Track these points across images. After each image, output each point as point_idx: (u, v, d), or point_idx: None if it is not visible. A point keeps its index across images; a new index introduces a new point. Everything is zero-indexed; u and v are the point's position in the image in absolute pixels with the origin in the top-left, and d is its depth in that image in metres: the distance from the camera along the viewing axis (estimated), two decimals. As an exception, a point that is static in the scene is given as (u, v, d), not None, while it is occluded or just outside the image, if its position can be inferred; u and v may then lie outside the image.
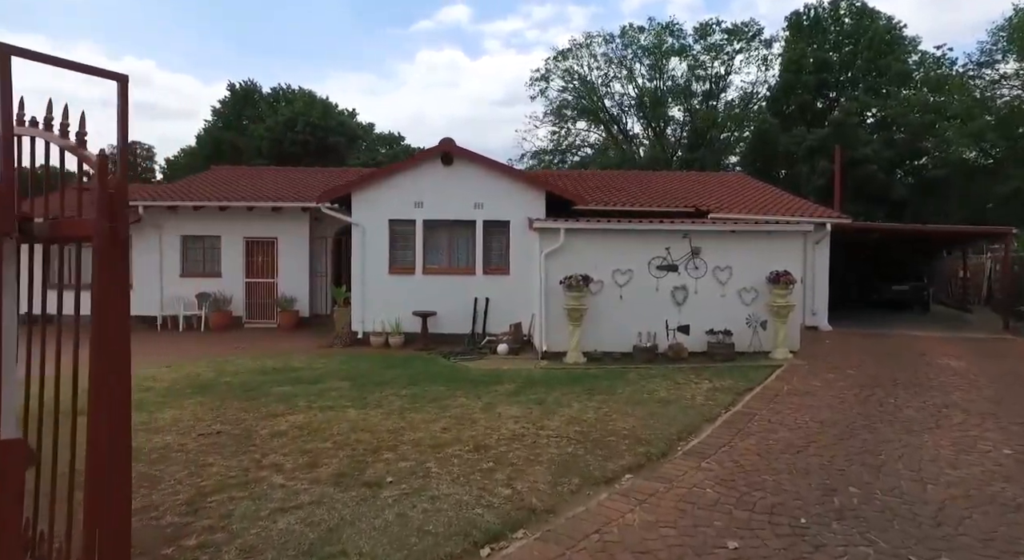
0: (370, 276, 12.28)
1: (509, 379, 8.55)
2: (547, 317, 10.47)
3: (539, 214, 11.88)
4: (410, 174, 12.35)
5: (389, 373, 8.90)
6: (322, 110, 37.95)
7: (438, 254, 12.51)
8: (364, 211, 12.28)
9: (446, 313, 12.13)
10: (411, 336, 11.97)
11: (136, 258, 15.06)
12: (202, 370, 8.97)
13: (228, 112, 40.57)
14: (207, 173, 18.32)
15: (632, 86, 38.01)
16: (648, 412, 6.53)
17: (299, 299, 14.90)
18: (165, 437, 5.63)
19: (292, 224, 14.98)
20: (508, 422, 6.19)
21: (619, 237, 10.54)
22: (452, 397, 7.36)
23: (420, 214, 12.29)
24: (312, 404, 6.92)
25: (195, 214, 14.85)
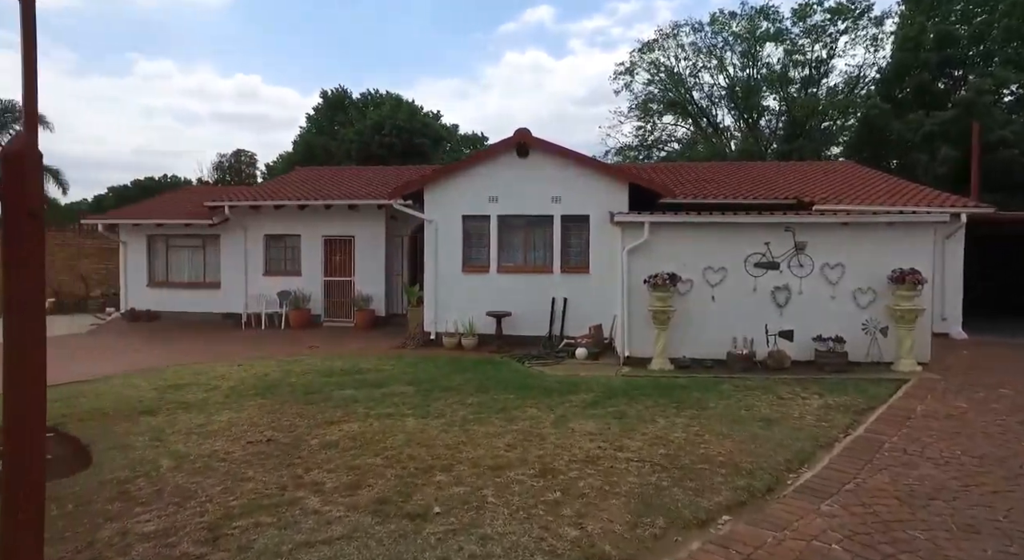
0: (443, 275, 11.84)
1: (586, 388, 7.75)
2: (630, 319, 9.56)
3: (622, 208, 10.97)
4: (484, 167, 11.80)
5: (457, 378, 8.34)
6: (408, 113, 38.52)
7: (513, 252, 11.87)
8: (437, 207, 11.86)
9: (522, 314, 11.47)
10: (485, 338, 11.41)
11: (223, 258, 15.54)
12: (271, 370, 8.81)
13: (321, 118, 42.16)
14: (290, 174, 18.72)
15: (723, 76, 35.80)
16: (748, 433, 5.53)
17: (375, 298, 14.76)
18: (215, 443, 5.31)
19: (368, 222, 14.88)
20: (582, 440, 5.41)
21: (711, 231, 9.45)
22: (521, 408, 6.67)
23: (495, 209, 11.71)
24: (371, 411, 6.45)
25: (276, 214, 15.07)
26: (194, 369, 8.89)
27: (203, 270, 15.89)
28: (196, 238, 15.83)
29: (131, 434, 5.62)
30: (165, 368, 9.12)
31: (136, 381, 8.00)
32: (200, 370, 8.78)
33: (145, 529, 3.58)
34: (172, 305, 15.81)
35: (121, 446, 5.25)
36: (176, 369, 8.94)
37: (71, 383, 8.17)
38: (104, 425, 5.94)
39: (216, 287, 15.62)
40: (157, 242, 16.09)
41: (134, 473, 4.57)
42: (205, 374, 8.43)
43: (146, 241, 16.02)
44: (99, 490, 4.24)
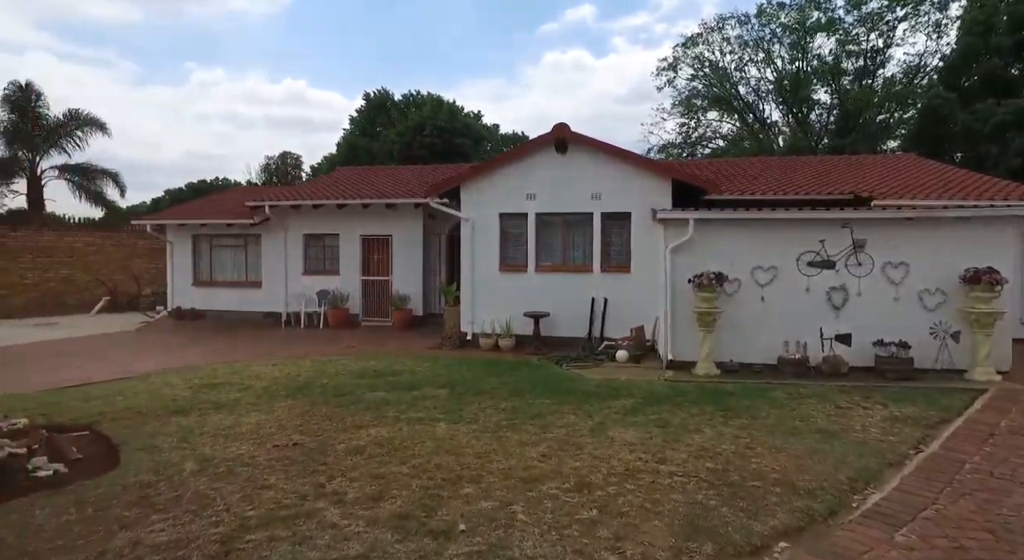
0: (480, 274, 11.60)
1: (627, 393, 7.35)
2: (673, 321, 9.10)
3: (664, 205, 10.50)
4: (521, 164, 11.49)
5: (492, 381, 8.07)
6: (449, 113, 38.59)
7: (552, 250, 11.54)
8: (473, 205, 11.62)
9: (560, 315, 11.13)
10: (522, 339, 11.11)
11: (264, 257, 15.71)
12: (304, 370, 8.72)
13: (364, 120, 42.67)
14: (330, 174, 18.82)
15: (770, 70, 34.54)
16: (804, 447, 5.06)
17: (412, 297, 14.65)
18: (240, 447, 5.17)
19: (406, 221, 14.78)
20: (622, 451, 5.04)
21: (760, 228, 8.91)
22: (558, 413, 6.34)
23: (532, 207, 11.39)
24: (401, 415, 6.23)
25: (315, 213, 15.13)
26: (230, 368, 8.89)
27: (245, 269, 16.11)
28: (238, 238, 16.07)
29: (160, 434, 5.54)
30: (203, 367, 9.15)
31: (173, 380, 8.02)
32: (236, 369, 8.76)
33: (158, 540, 3.41)
34: (216, 304, 16.08)
35: (149, 447, 5.16)
36: (213, 368, 8.95)
37: (114, 380, 8.27)
38: (136, 425, 5.89)
39: (257, 286, 15.80)
40: (201, 242, 16.40)
41: (157, 476, 4.45)
42: (240, 373, 8.40)
43: (191, 241, 16.35)
44: (120, 494, 4.12)
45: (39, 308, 18.55)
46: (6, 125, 24.63)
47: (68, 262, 19.29)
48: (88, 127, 26.16)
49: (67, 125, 25.74)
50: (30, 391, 7.73)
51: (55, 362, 9.97)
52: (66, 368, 9.41)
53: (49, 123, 25.53)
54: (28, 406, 6.72)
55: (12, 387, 8.00)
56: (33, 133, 24.99)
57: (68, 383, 8.17)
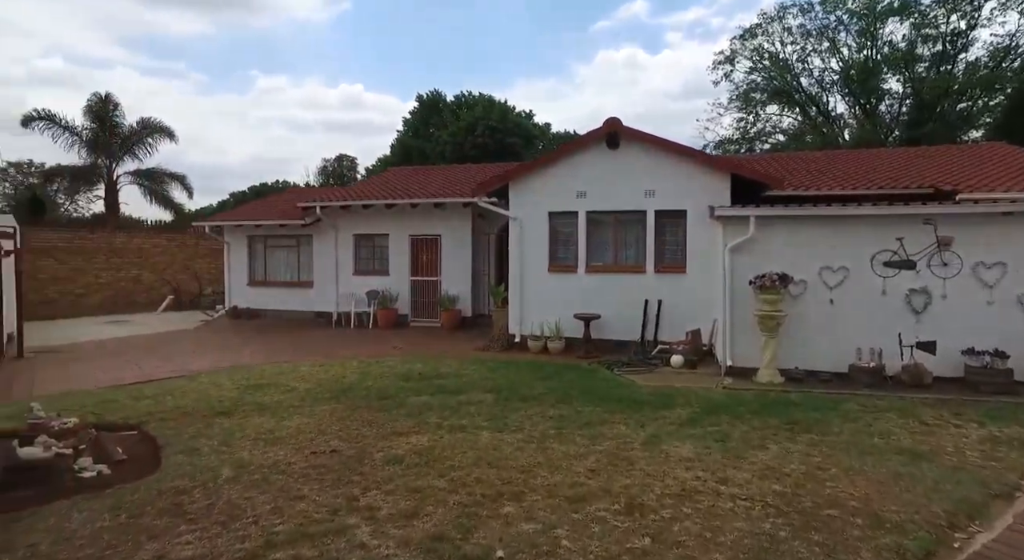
0: (528, 275, 11.31)
1: (683, 401, 6.90)
2: (732, 325, 8.56)
3: (723, 201, 9.91)
4: (571, 161, 11.12)
5: (540, 386, 7.75)
6: (500, 113, 38.49)
7: (603, 250, 11.12)
8: (522, 204, 11.33)
9: (612, 317, 10.69)
10: (572, 341, 10.75)
11: (316, 257, 15.91)
12: (350, 371, 8.64)
13: (417, 121, 43.12)
14: (380, 175, 18.92)
15: (835, 59, 32.75)
16: (888, 470, 4.52)
17: (461, 298, 14.50)
18: (278, 452, 5.05)
19: (455, 221, 14.64)
20: (677, 467, 4.64)
21: (829, 226, 8.24)
22: (609, 423, 5.96)
23: (583, 205, 11.01)
24: (443, 421, 6.00)
25: (365, 213, 15.19)
26: (277, 369, 8.91)
27: (297, 270, 16.37)
28: (291, 238, 16.34)
29: (202, 436, 5.49)
30: (252, 367, 9.22)
31: (222, 380, 8.08)
32: (283, 370, 8.78)
33: (182, 554, 3.27)
34: (270, 303, 16.41)
35: (190, 450, 5.11)
36: (261, 368, 9.00)
37: (168, 379, 8.41)
38: (181, 426, 5.88)
39: (309, 286, 16.02)
40: (256, 243, 16.78)
41: (193, 482, 4.35)
42: (286, 374, 8.39)
43: (246, 242, 16.74)
44: (155, 500, 4.04)
45: (112, 306, 19.46)
46: (88, 134, 26.10)
47: (137, 262, 20.16)
48: (157, 134, 27.40)
49: (140, 133, 27.06)
50: (93, 388, 7.95)
51: (119, 360, 10.28)
52: (128, 366, 9.67)
53: (124, 131, 26.90)
54: (86, 403, 6.86)
55: (79, 384, 8.25)
56: (111, 141, 26.38)
57: (127, 381, 8.36)
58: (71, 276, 18.85)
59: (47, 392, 7.69)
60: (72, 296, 18.85)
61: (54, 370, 9.48)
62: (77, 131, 25.91)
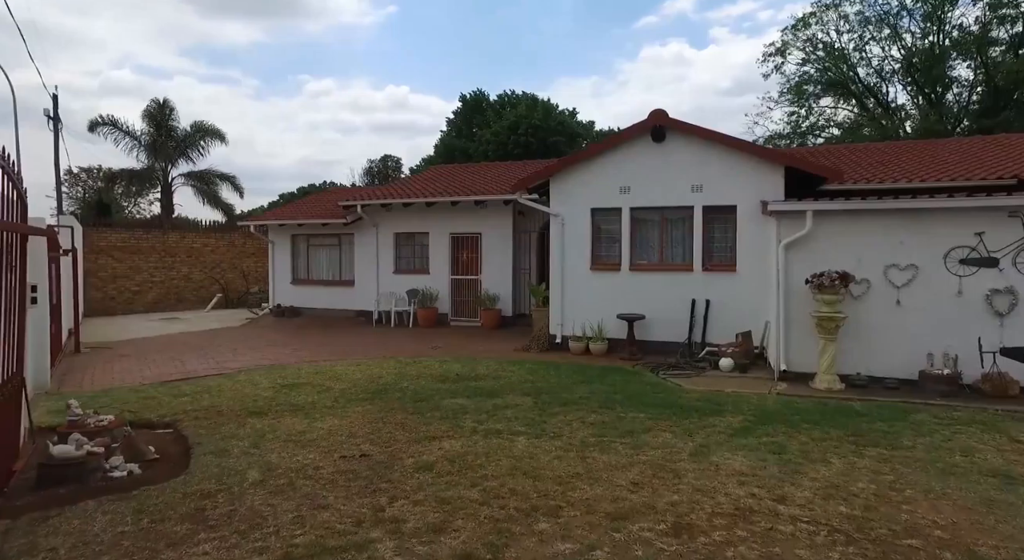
0: (570, 273, 10.96)
1: (734, 408, 6.45)
2: (787, 327, 8.02)
3: (776, 196, 9.35)
4: (615, 155, 10.71)
5: (581, 389, 7.42)
6: (543, 112, 38.20)
7: (648, 247, 10.67)
8: (563, 200, 11.00)
9: (657, 317, 10.25)
10: (615, 343, 10.35)
11: (357, 256, 15.95)
12: (387, 371, 8.50)
13: (460, 121, 43.24)
14: (422, 173, 18.86)
15: (897, 47, 31.01)
16: (977, 495, 4.01)
17: (502, 297, 14.26)
18: (308, 455, 4.89)
19: (495, 219, 14.41)
20: (729, 482, 4.25)
21: (895, 220, 7.61)
22: (653, 431, 5.59)
23: (627, 201, 10.59)
24: (479, 426, 5.74)
25: (406, 212, 15.13)
26: (314, 368, 8.85)
27: (339, 268, 16.47)
28: (333, 237, 16.44)
29: (234, 437, 5.40)
30: (290, 365, 9.19)
31: (259, 378, 8.05)
32: (319, 369, 8.71)
33: (197, 565, 3.11)
34: (312, 302, 16.56)
35: (219, 451, 5.00)
36: (298, 367, 8.96)
37: (208, 376, 8.45)
38: (215, 425, 5.81)
39: (350, 285, 16.08)
40: (299, 241, 16.96)
41: (218, 485, 4.22)
42: (322, 374, 8.31)
43: (290, 241, 16.95)
44: (179, 504, 3.91)
45: (164, 303, 20.07)
46: (147, 138, 27.11)
47: (188, 261, 20.74)
48: (209, 136, 28.26)
49: (193, 136, 27.95)
50: (138, 384, 8.04)
51: (165, 356, 10.46)
52: (172, 362, 9.81)
53: (179, 134, 27.84)
54: (129, 400, 6.91)
55: (125, 380, 8.38)
56: (166, 144, 27.33)
57: (170, 378, 8.44)
58: (128, 274, 19.52)
59: (95, 388, 7.81)
60: (128, 293, 19.52)
61: (105, 365, 9.70)
62: (136, 135, 26.97)
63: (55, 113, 19.26)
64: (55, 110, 19.29)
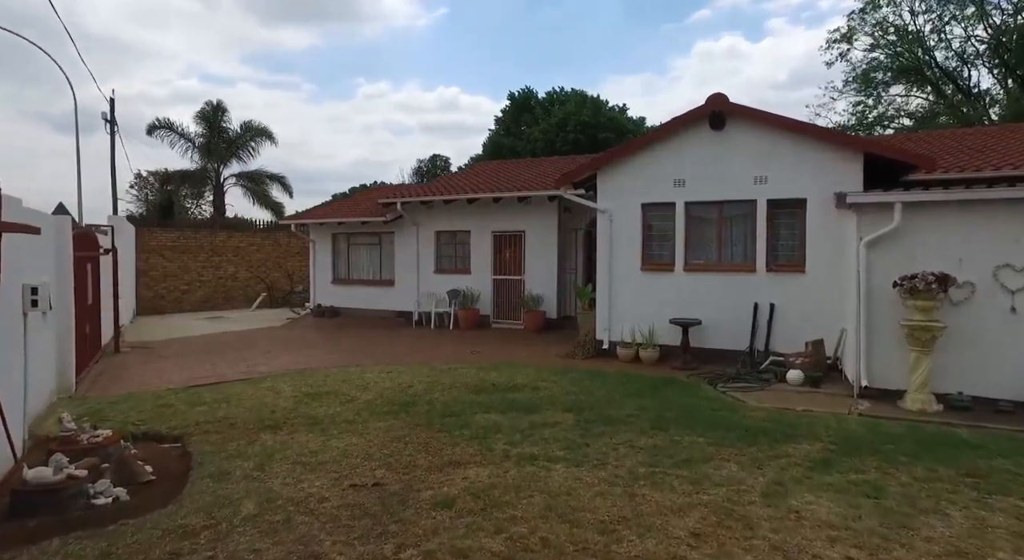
0: (619, 274, 10.12)
1: (809, 432, 5.53)
2: (868, 336, 6.99)
3: (853, 187, 8.27)
4: (668, 145, 9.80)
5: (630, 404, 6.62)
6: (593, 108, 37.37)
7: (705, 246, 9.72)
8: (612, 195, 10.16)
9: (714, 322, 9.30)
10: (668, 350, 9.47)
11: (397, 255, 15.51)
12: (418, 379, 7.89)
13: (508, 119, 42.75)
14: (465, 170, 18.30)
15: (983, 26, 28.54)
16: None
17: (546, 298, 13.52)
18: (315, 481, 4.29)
19: (540, 216, 13.68)
20: (816, 539, 3.39)
21: (1006, 212, 6.48)
22: (715, 460, 4.76)
23: (681, 195, 9.67)
24: (511, 449, 5.04)
25: (447, 209, 14.57)
26: (344, 374, 8.34)
27: (379, 268, 16.07)
28: (373, 236, 16.06)
29: (240, 456, 4.87)
30: (319, 370, 8.72)
31: (283, 385, 7.58)
32: (348, 376, 8.18)
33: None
34: (352, 302, 16.23)
35: (220, 474, 4.48)
36: (327, 372, 8.47)
37: (235, 381, 8.07)
38: (224, 440, 5.32)
39: (390, 285, 15.66)
40: (340, 241, 16.66)
41: (206, 520, 3.67)
42: (350, 381, 7.77)
43: (330, 240, 16.67)
44: (154, 545, 3.37)
45: (212, 302, 20.25)
46: (200, 140, 27.69)
47: (234, 261, 20.87)
48: (259, 136, 28.63)
49: (243, 136, 28.36)
50: (163, 388, 7.73)
51: (199, 358, 10.22)
52: (205, 364, 9.53)
53: (230, 135, 28.31)
54: (145, 407, 6.55)
55: (153, 383, 8.09)
56: (219, 145, 27.84)
57: (197, 381, 8.11)
58: (177, 273, 19.77)
59: (120, 392, 7.53)
60: (178, 292, 19.77)
61: (139, 366, 9.50)
62: (191, 137, 27.55)
63: (111, 116, 19.67)
64: (111, 114, 19.71)
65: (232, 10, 54.71)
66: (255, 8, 54.31)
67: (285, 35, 59.40)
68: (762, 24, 59.72)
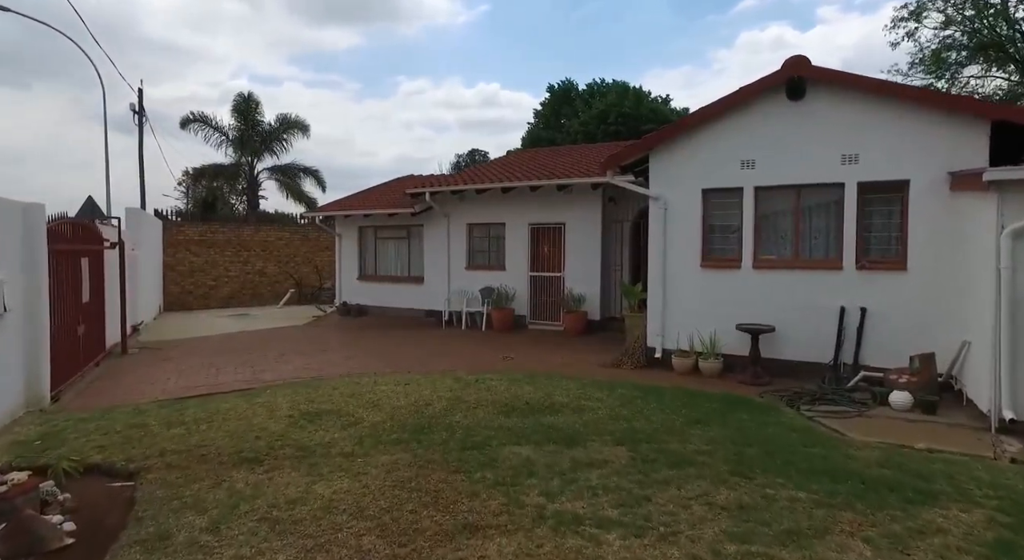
0: (674, 271, 8.72)
1: (952, 487, 4.09)
2: (1014, 353, 5.45)
3: (976, 163, 6.67)
4: (735, 119, 8.33)
5: (697, 435, 5.27)
6: (635, 99, 35.93)
7: (778, 238, 8.23)
8: (666, 179, 8.76)
9: (789, 329, 7.83)
10: (732, 360, 8.05)
11: (426, 250, 14.40)
12: (440, 394, 6.70)
13: (548, 112, 41.59)
14: (500, 158, 17.03)
15: (1079, -7, 25.65)
16: None
17: (588, 298, 12.18)
18: (277, 557, 3.13)
19: (582, 206, 12.33)
20: None
21: None
22: (832, 534, 3.39)
23: (750, 178, 8.20)
24: (547, 504, 3.77)
25: (480, 200, 13.36)
26: (355, 385, 7.21)
27: (407, 263, 14.98)
28: (400, 229, 14.97)
29: (195, 508, 3.76)
30: (329, 380, 7.63)
31: (281, 400, 6.48)
32: (360, 388, 7.04)
33: None
34: (379, 299, 15.19)
35: (159, 537, 3.37)
36: (335, 384, 7.35)
37: (230, 392, 7.06)
38: (185, 481, 4.22)
39: (419, 281, 14.55)
40: (366, 234, 15.63)
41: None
42: (360, 396, 6.62)
43: (357, 233, 15.67)
44: None
45: (240, 298, 19.61)
46: (234, 133, 27.26)
47: (262, 256, 20.19)
48: (293, 129, 28.04)
49: (277, 130, 27.83)
50: (152, 399, 6.77)
51: (205, 361, 9.32)
52: (208, 370, 8.60)
53: (264, 129, 27.81)
54: (115, 428, 5.54)
55: (144, 393, 7.17)
56: (252, 138, 27.37)
57: (191, 392, 7.14)
58: (204, 268, 19.18)
59: (102, 405, 6.59)
60: (205, 288, 19.19)
61: (138, 372, 8.63)
62: (224, 130, 27.13)
63: (140, 107, 19.17)
64: (140, 104, 19.21)
65: (278, 11, 55.22)
66: (300, 9, 54.66)
67: (329, 35, 59.78)
68: (812, 12, 56.65)
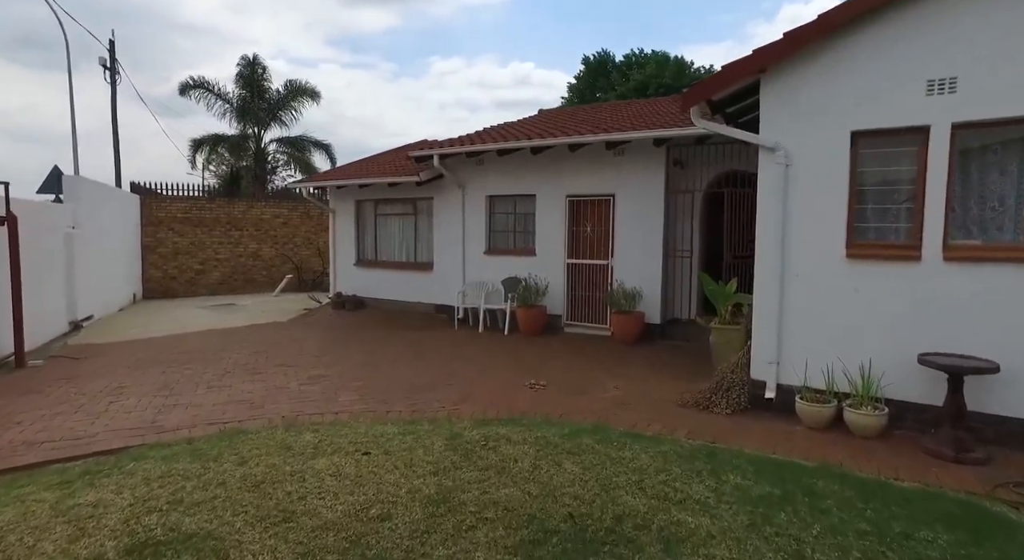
0: (798, 263, 5.58)
1: None
2: None
3: None
4: (914, 13, 5.09)
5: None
6: (676, 70, 32.58)
7: (983, 211, 5.04)
8: (789, 117, 5.58)
9: (1017, 367, 4.65)
10: (904, 409, 4.97)
11: (436, 229, 11.48)
12: (414, 485, 3.77)
13: (583, 86, 38.51)
14: (530, 117, 13.83)
15: None
16: None
17: (646, 294, 9.12)
18: None
19: (637, 172, 9.21)
20: None
21: None
22: None
23: (944, 109, 4.95)
24: None
25: (502, 164, 10.34)
26: (281, 454, 4.34)
27: (413, 246, 12.08)
28: (406, 204, 12.05)
29: None
30: (252, 434, 4.81)
31: (123, 499, 3.61)
32: (283, 464, 4.16)
33: None
34: (380, 290, 12.37)
35: None
36: (257, 445, 4.51)
37: (143, 446, 4.34)
38: None
39: (428, 269, 11.65)
40: (365, 210, 12.76)
41: None
42: (273, 487, 3.74)
43: (354, 209, 12.81)
44: None
45: (230, 284, 17.10)
46: (238, 101, 24.73)
47: (256, 236, 17.57)
48: (302, 96, 25.37)
49: (285, 98, 25.22)
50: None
51: (114, 383, 6.73)
52: (107, 399, 5.99)
53: (271, 97, 25.22)
54: None
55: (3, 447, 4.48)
56: (258, 107, 24.82)
57: (38, 453, 4.42)
58: (190, 250, 16.67)
59: None
60: (191, 272, 16.69)
61: (25, 402, 5.98)
62: (228, 98, 24.61)
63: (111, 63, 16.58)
64: (111, 60, 16.62)
65: (314, -9, 53.69)
66: (336, -12, 53.07)
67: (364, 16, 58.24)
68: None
